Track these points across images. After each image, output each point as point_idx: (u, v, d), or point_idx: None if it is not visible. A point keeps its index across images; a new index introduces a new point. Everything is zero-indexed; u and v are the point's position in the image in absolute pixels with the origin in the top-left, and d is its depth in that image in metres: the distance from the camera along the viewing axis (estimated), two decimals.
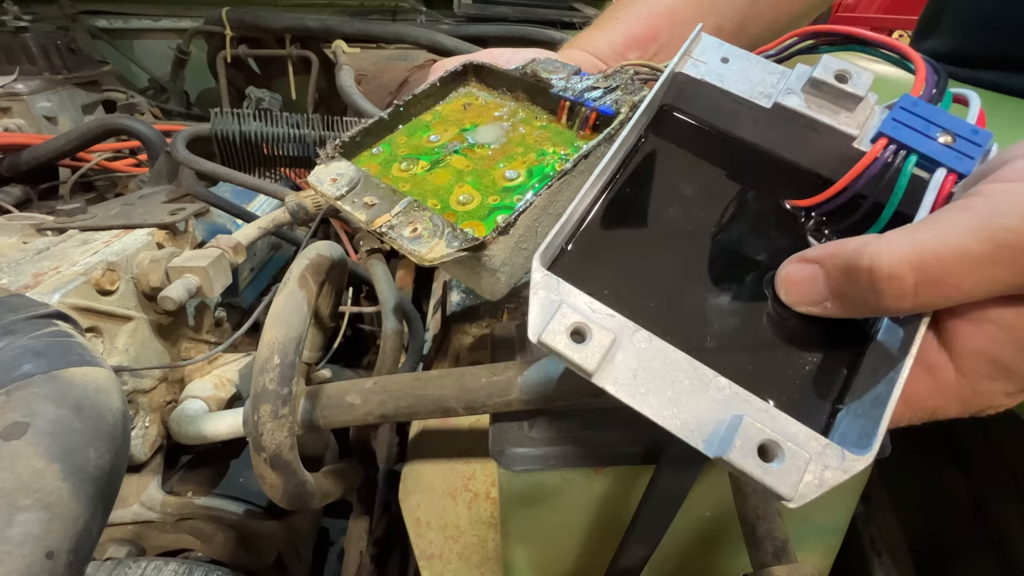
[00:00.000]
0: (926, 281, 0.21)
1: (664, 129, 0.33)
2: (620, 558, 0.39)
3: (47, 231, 0.67)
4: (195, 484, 0.68)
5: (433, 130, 0.42)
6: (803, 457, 0.21)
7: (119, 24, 1.61)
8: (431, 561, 0.47)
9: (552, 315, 0.24)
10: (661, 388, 0.24)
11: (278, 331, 0.37)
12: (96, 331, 0.56)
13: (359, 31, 1.40)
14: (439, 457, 0.47)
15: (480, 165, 0.39)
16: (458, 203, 0.37)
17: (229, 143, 0.83)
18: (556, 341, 0.24)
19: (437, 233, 0.32)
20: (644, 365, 0.24)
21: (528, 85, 0.42)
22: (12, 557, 0.26)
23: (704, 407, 0.23)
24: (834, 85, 0.27)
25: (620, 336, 0.24)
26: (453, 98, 0.45)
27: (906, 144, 0.26)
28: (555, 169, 0.37)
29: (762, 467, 0.21)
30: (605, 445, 0.39)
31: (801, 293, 0.26)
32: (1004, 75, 0.53)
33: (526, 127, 0.41)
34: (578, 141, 0.40)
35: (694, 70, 0.31)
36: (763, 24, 0.57)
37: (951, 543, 0.53)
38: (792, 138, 0.30)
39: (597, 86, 0.39)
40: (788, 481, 0.21)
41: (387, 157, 0.41)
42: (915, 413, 0.25)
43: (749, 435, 0.22)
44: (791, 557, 0.32)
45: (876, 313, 0.24)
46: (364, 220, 0.34)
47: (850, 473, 0.22)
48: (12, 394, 0.32)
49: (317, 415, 0.41)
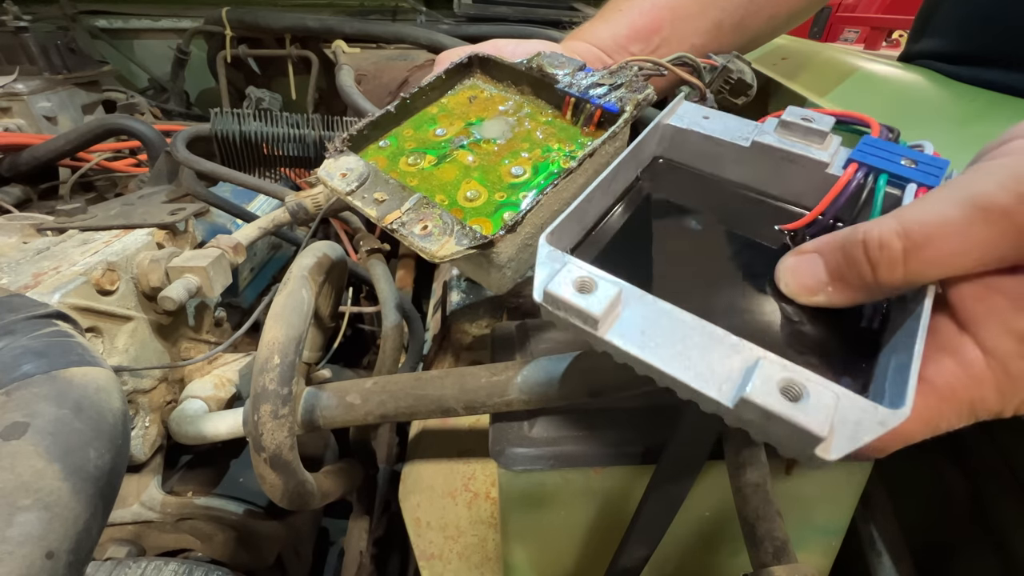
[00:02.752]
0: (913, 247, 0.22)
1: (658, 173, 0.35)
2: (620, 558, 0.39)
3: (47, 231, 0.67)
4: (195, 484, 0.68)
5: (439, 123, 0.42)
6: (830, 395, 0.20)
7: (119, 24, 1.61)
8: (431, 561, 0.47)
9: (557, 271, 0.24)
10: (671, 343, 0.23)
11: (278, 331, 0.37)
12: (96, 331, 0.56)
13: (359, 31, 1.40)
14: (439, 457, 0.47)
15: (486, 161, 0.39)
16: (465, 199, 0.37)
17: (229, 143, 0.83)
18: (561, 290, 0.23)
19: (447, 231, 0.33)
20: (651, 322, 0.23)
21: (533, 79, 0.42)
22: (12, 557, 0.26)
23: (717, 359, 0.22)
24: (801, 124, 0.31)
25: (627, 294, 0.24)
26: (459, 90, 0.45)
27: (875, 166, 0.28)
28: (560, 167, 0.37)
29: (787, 404, 0.20)
30: (605, 445, 0.39)
31: (801, 281, 0.26)
32: (1000, 73, 0.53)
33: (531, 122, 0.42)
34: (582, 137, 0.40)
35: (680, 123, 0.35)
36: (763, 19, 0.57)
37: (951, 543, 0.53)
38: (772, 172, 0.32)
39: (602, 83, 0.40)
40: (818, 418, 0.19)
41: (394, 150, 0.41)
42: (953, 408, 0.24)
43: (769, 374, 0.20)
44: (791, 557, 0.32)
45: (874, 290, 0.24)
46: (375, 216, 0.34)
47: (887, 426, 0.20)
48: (12, 394, 0.32)
49: (317, 415, 0.41)
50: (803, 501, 0.43)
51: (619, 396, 0.37)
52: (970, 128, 0.44)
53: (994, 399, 0.24)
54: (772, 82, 0.62)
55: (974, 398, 0.24)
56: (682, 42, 0.52)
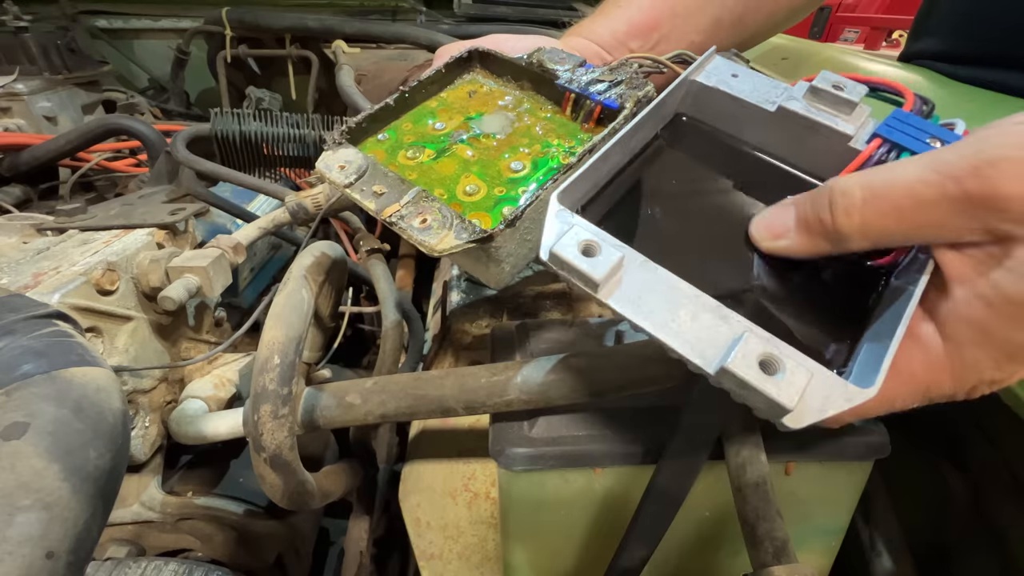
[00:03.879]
0: (871, 197, 0.23)
1: (678, 132, 0.35)
2: (620, 558, 0.40)
3: (47, 231, 0.67)
4: (195, 484, 0.68)
5: (439, 117, 0.42)
6: (804, 372, 0.22)
7: (119, 24, 1.61)
8: (431, 561, 0.47)
9: (564, 232, 0.25)
10: (665, 310, 0.24)
11: (278, 331, 0.37)
12: (96, 331, 0.56)
13: (359, 31, 1.40)
14: (439, 457, 0.47)
15: (486, 155, 0.39)
16: (465, 194, 0.37)
17: (229, 143, 0.83)
18: (566, 252, 0.24)
19: (446, 224, 0.33)
20: (649, 288, 0.25)
21: (533, 75, 0.42)
22: (12, 557, 0.26)
23: (707, 329, 0.24)
24: (831, 92, 0.30)
25: (628, 260, 0.25)
26: (458, 84, 0.45)
27: (899, 143, 0.28)
28: (560, 162, 0.37)
29: (763, 377, 0.21)
30: (605, 445, 0.39)
31: (769, 225, 0.28)
32: (1000, 73, 0.53)
33: (531, 117, 0.42)
34: (582, 134, 0.40)
35: (707, 79, 0.33)
36: (762, 16, 0.57)
37: (951, 543, 0.53)
38: (795, 140, 0.32)
39: (602, 79, 0.39)
40: (789, 392, 0.21)
41: (393, 144, 0.41)
42: (909, 390, 0.26)
43: (751, 348, 0.22)
44: (791, 557, 0.32)
45: (832, 238, 0.25)
46: (374, 209, 0.34)
47: (853, 402, 0.22)
48: (12, 394, 0.32)
49: (317, 415, 0.41)
50: (803, 501, 0.43)
51: (619, 396, 0.37)
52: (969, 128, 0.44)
53: (948, 383, 0.25)
54: None
55: (930, 382, 0.25)
56: (681, 39, 0.52)
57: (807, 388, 0.21)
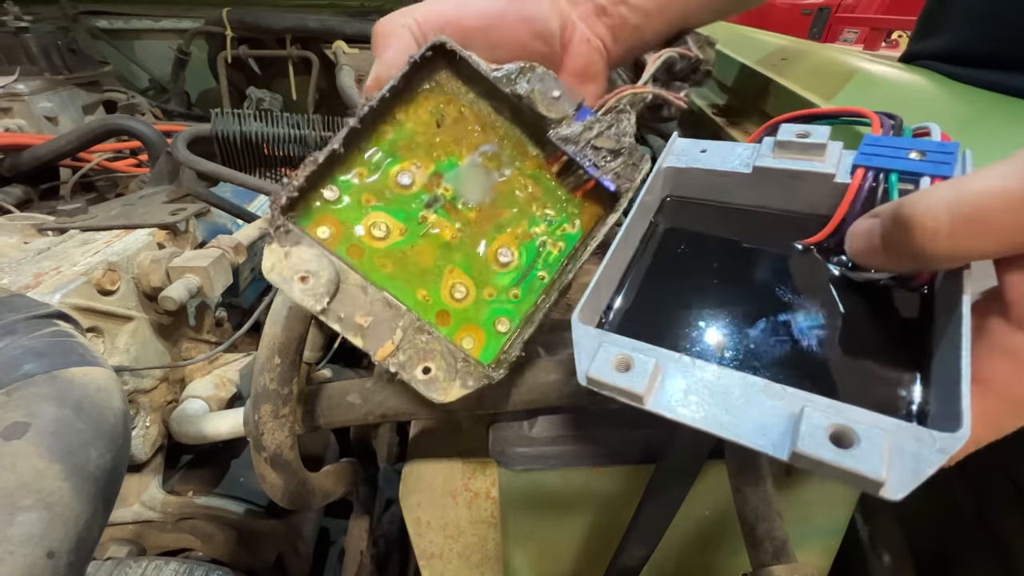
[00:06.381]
0: (961, 219, 0.21)
1: (671, 213, 0.35)
2: (620, 558, 0.40)
3: (48, 231, 0.67)
4: (196, 484, 0.68)
5: (400, 161, 0.34)
6: (881, 435, 0.20)
7: (120, 24, 1.61)
8: (431, 560, 0.47)
9: (595, 352, 0.25)
10: (715, 403, 0.23)
11: (279, 331, 0.38)
12: (97, 331, 0.56)
13: (359, 31, 1.40)
14: (439, 457, 0.47)
15: (467, 235, 0.35)
16: (452, 299, 0.34)
17: (230, 143, 0.83)
18: (603, 375, 0.24)
19: (451, 373, 0.31)
20: (693, 386, 0.24)
21: (517, 108, 0.35)
22: (13, 557, 0.26)
23: (763, 412, 0.22)
24: (797, 141, 0.30)
25: (665, 363, 0.25)
26: (419, 98, 0.34)
27: (882, 167, 0.28)
28: (548, 251, 0.36)
29: (839, 453, 0.19)
30: (605, 445, 0.39)
31: (859, 242, 0.26)
32: (1004, 75, 0.52)
33: (513, 171, 0.36)
34: (569, 206, 0.36)
35: (679, 163, 0.34)
36: None
37: (952, 549, 0.53)
38: (781, 191, 0.32)
39: (599, 131, 0.35)
40: (873, 463, 0.19)
41: (351, 210, 0.33)
42: (1011, 408, 0.23)
43: (815, 422, 0.20)
44: (791, 557, 0.32)
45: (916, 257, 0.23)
46: (363, 347, 0.30)
47: (948, 452, 0.19)
48: (13, 394, 0.32)
49: (317, 415, 0.41)
50: (803, 501, 0.43)
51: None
52: (971, 129, 0.44)
53: None
54: (772, 82, 0.62)
55: None
56: None
57: (891, 453, 0.20)
